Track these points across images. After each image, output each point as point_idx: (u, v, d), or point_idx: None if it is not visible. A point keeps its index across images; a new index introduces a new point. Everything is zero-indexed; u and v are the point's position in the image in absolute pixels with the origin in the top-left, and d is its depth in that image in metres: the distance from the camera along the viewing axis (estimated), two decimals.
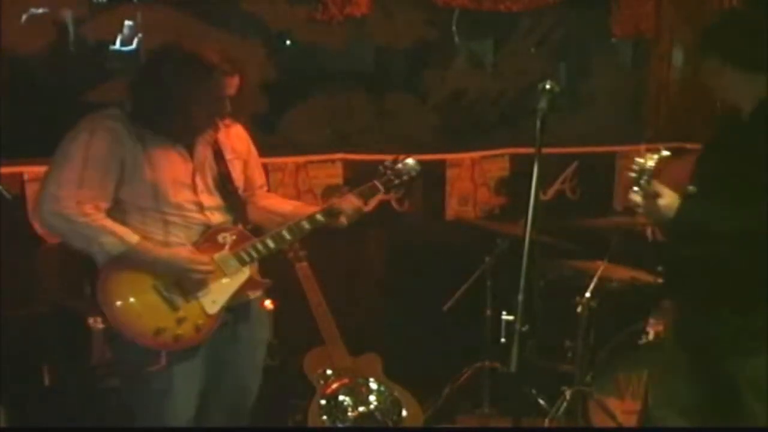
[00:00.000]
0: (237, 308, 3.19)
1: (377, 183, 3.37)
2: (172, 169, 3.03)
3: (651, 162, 2.87)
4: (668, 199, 2.94)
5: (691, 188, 3.04)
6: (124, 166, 2.95)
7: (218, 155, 3.15)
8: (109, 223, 2.93)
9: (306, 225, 3.22)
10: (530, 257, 2.84)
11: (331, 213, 3.23)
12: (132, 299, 2.98)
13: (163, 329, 2.99)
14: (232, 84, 2.99)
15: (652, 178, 2.90)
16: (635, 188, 2.91)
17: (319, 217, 3.23)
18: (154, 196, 2.99)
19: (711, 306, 3.08)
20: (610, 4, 5.51)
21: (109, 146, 2.93)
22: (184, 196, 3.05)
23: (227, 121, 3.17)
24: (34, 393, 3.98)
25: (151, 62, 3.07)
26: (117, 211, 2.99)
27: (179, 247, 3.04)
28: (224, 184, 3.16)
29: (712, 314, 3.08)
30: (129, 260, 2.96)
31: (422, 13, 5.19)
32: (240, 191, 3.24)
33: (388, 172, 3.39)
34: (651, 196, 2.91)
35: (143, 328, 2.98)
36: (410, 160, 3.43)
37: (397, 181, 3.40)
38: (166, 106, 2.94)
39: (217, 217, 3.13)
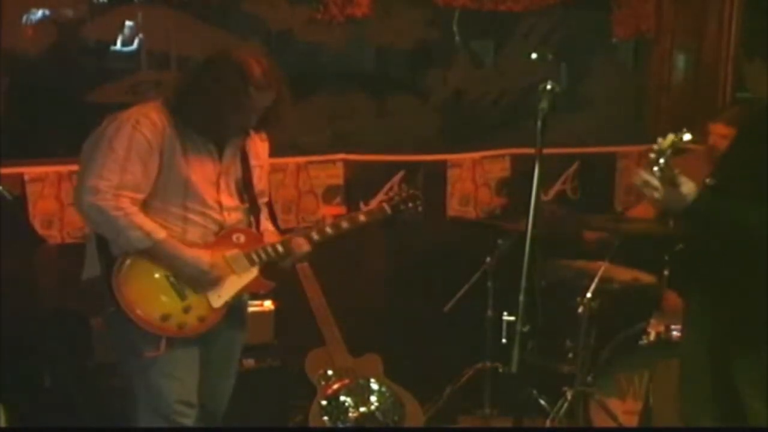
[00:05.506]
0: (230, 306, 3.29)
1: (386, 206, 3.59)
2: (203, 167, 3.16)
3: (670, 141, 2.81)
4: (687, 187, 2.90)
5: (708, 180, 3.03)
6: (162, 158, 3.07)
7: (244, 160, 3.29)
8: (141, 219, 3.04)
9: (315, 236, 3.41)
10: (531, 258, 2.84)
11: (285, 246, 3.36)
12: (144, 283, 3.10)
13: (169, 315, 3.12)
14: (268, 98, 3.13)
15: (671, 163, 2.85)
16: (654, 168, 2.83)
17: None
18: (183, 190, 3.12)
19: (718, 299, 3.08)
20: (611, 4, 5.51)
21: (151, 138, 3.05)
22: (209, 194, 3.18)
23: (257, 132, 3.32)
24: (34, 393, 3.98)
25: (200, 65, 3.21)
26: (143, 204, 3.09)
27: (201, 251, 3.15)
28: (246, 187, 3.30)
29: (719, 308, 3.08)
30: (148, 250, 3.07)
31: (423, 14, 5.18)
32: (257, 196, 3.36)
33: (396, 197, 3.61)
34: (669, 180, 2.85)
35: (151, 311, 3.10)
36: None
37: (403, 207, 3.61)
38: (205, 107, 3.07)
39: (233, 218, 3.26)
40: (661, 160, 2.81)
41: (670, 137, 2.79)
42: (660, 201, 2.91)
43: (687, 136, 2.78)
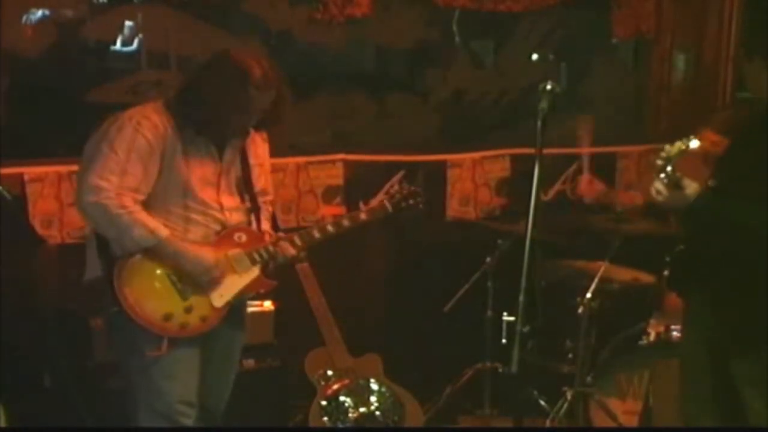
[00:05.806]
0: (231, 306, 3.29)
1: (387, 203, 3.59)
2: (203, 167, 3.17)
3: (678, 149, 2.82)
4: (691, 189, 2.91)
5: (710, 182, 3.04)
6: (163, 160, 3.08)
7: (243, 159, 3.30)
8: (144, 217, 3.04)
9: (316, 234, 3.41)
10: (531, 258, 2.84)
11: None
12: (146, 283, 3.10)
13: (171, 315, 3.12)
14: (268, 98, 3.14)
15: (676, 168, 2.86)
16: (661, 175, 2.86)
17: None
18: (183, 190, 3.13)
19: (718, 300, 3.08)
20: (611, 4, 5.51)
21: (152, 139, 3.05)
22: (209, 194, 3.19)
23: (257, 131, 3.33)
24: (34, 393, 3.98)
25: (200, 66, 3.22)
26: (143, 204, 3.09)
27: (204, 249, 3.15)
28: (246, 187, 3.31)
29: (718, 308, 3.08)
30: (151, 249, 3.07)
31: (423, 14, 5.18)
32: (258, 195, 3.37)
33: (397, 195, 3.61)
34: (674, 185, 2.87)
35: (153, 312, 3.10)
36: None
37: (404, 204, 3.60)
38: (205, 108, 3.08)
39: (235, 218, 3.27)
40: (669, 168, 2.83)
41: (678, 144, 2.80)
42: (664, 203, 2.94)
43: (694, 143, 2.80)
